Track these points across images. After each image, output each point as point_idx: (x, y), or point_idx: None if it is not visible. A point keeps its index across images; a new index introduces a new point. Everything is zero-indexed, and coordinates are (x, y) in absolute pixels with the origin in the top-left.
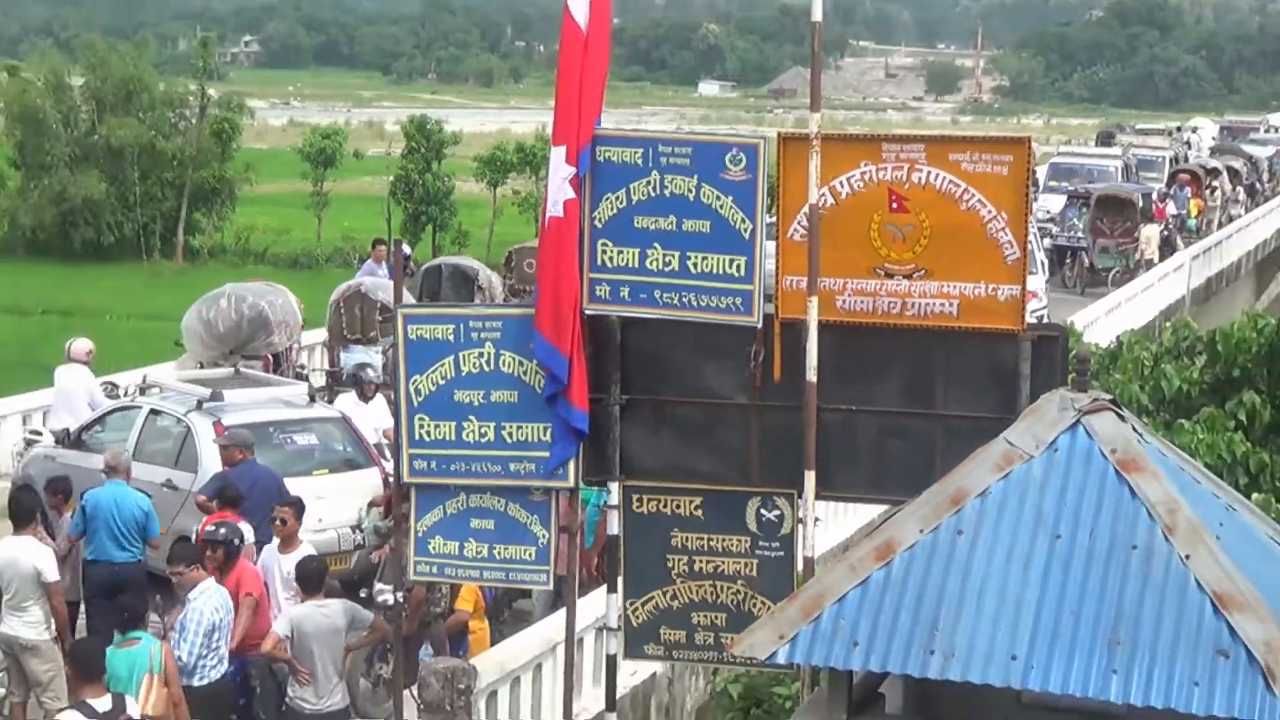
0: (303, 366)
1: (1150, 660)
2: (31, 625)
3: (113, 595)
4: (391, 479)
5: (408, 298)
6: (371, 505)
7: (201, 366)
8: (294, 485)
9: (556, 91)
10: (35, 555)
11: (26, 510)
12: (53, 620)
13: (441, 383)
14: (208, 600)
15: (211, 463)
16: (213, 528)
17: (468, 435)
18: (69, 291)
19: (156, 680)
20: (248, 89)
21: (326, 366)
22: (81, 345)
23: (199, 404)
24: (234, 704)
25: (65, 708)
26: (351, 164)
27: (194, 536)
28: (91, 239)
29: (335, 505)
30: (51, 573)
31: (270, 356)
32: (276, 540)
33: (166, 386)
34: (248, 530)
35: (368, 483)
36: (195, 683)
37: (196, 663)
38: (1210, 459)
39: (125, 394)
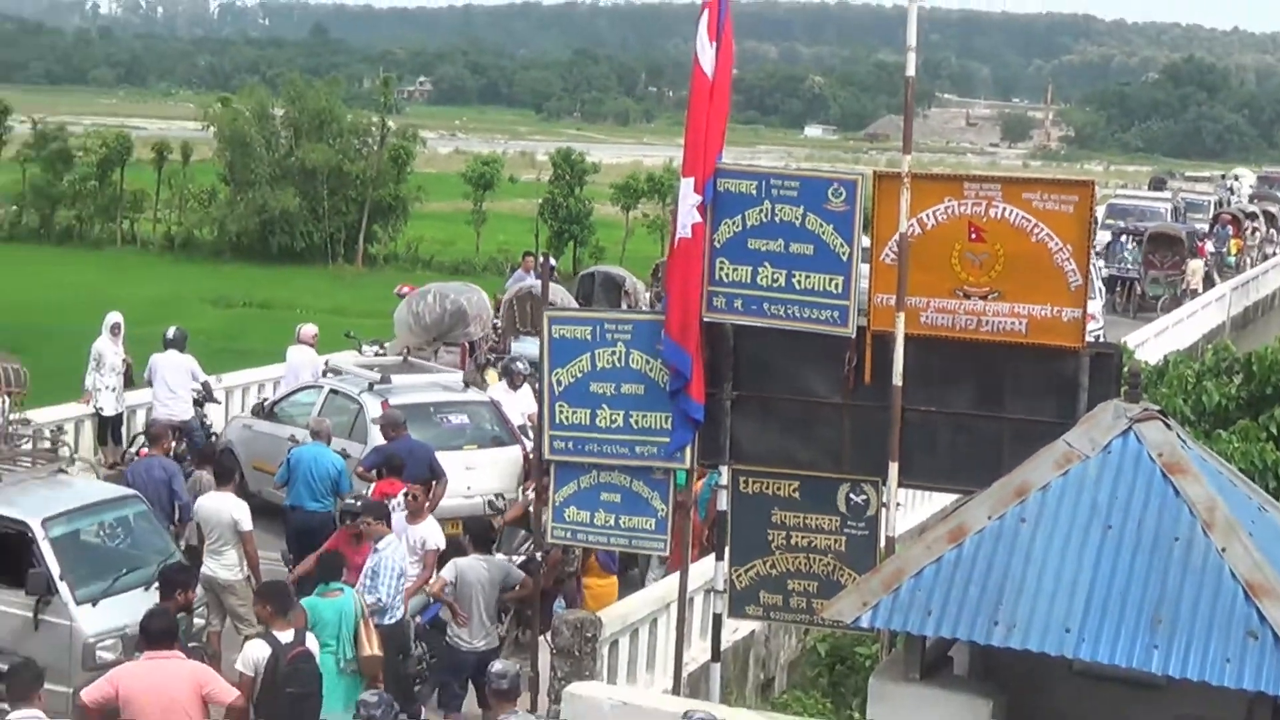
0: (490, 353)
1: (1188, 638)
2: (227, 567)
3: (304, 538)
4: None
5: (569, 300)
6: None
7: (408, 351)
8: (447, 457)
9: (686, 130)
10: (234, 508)
11: (227, 470)
12: (245, 563)
13: (579, 375)
14: (395, 550)
15: (378, 436)
16: (351, 501)
17: (600, 421)
18: (266, 289)
19: (371, 624)
20: (421, 122)
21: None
22: (309, 329)
23: (370, 386)
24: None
25: (255, 635)
26: (507, 187)
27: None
28: (286, 245)
29: (482, 476)
30: (246, 523)
31: (467, 344)
32: (405, 512)
33: (345, 370)
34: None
35: (510, 458)
36: (385, 621)
37: (390, 603)
38: (1244, 465)
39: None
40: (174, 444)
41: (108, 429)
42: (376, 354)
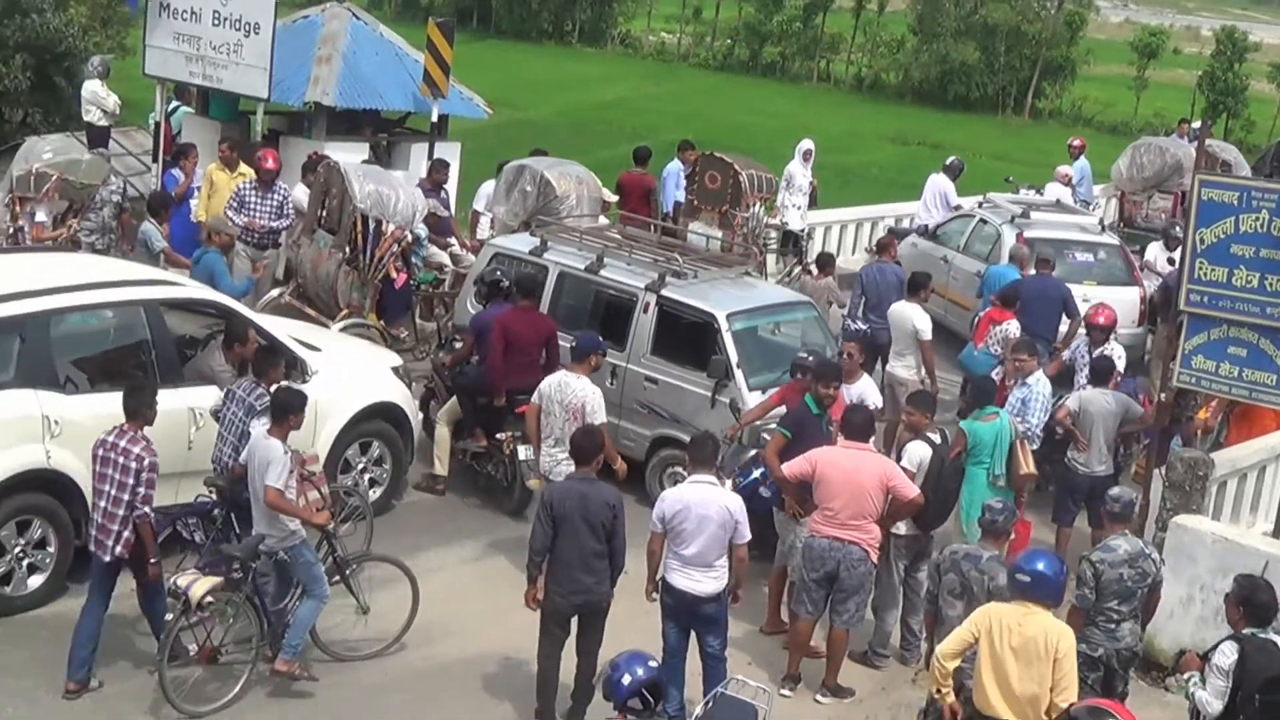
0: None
1: None
2: (907, 368)
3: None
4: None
5: (1241, 163)
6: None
7: (1121, 196)
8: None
9: None
10: (916, 316)
11: (918, 283)
12: (923, 368)
13: (1222, 236)
14: (1044, 384)
15: (1009, 263)
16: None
17: (1236, 280)
18: (939, 131)
19: (1026, 445)
20: None
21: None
22: (1062, 170)
23: (1012, 219)
24: None
25: (914, 438)
26: (1169, 58)
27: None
28: (962, 93)
29: None
30: (927, 332)
31: (1179, 193)
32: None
33: (997, 203)
34: (1013, 326)
35: (1129, 299)
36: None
37: (1035, 431)
38: None
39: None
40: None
41: (789, 242)
42: (1033, 195)
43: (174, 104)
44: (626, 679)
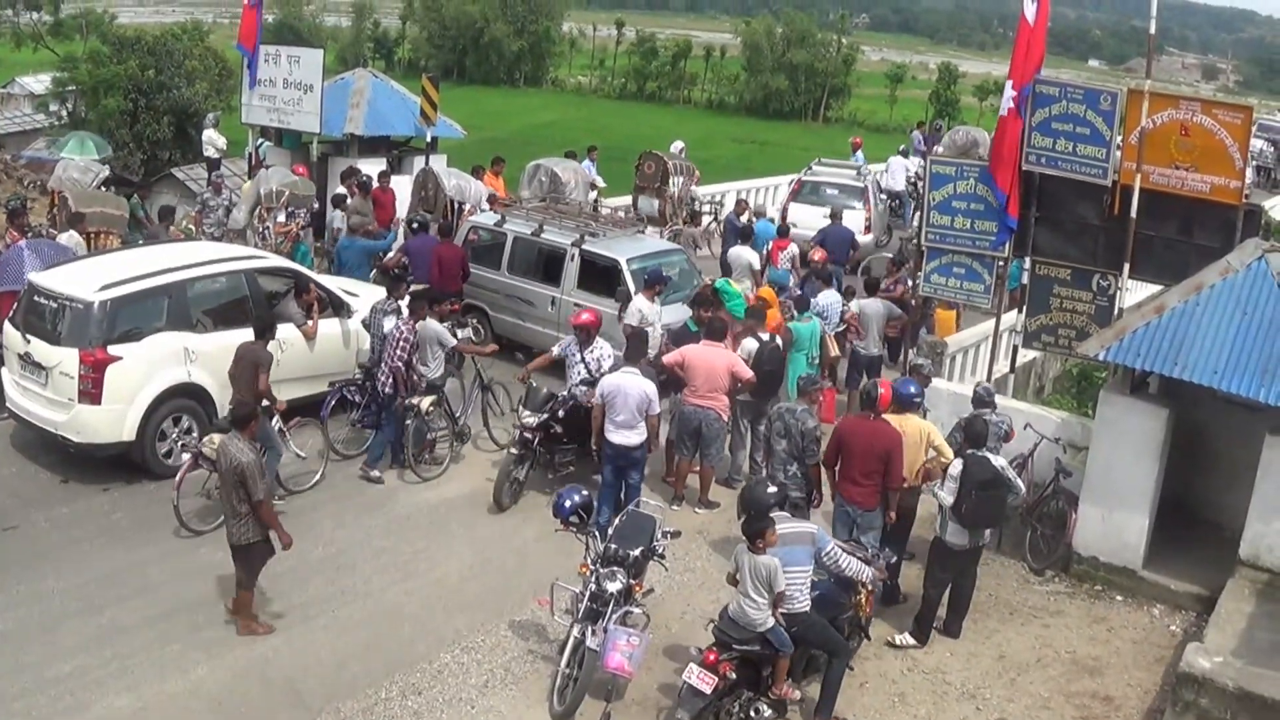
0: None
1: None
2: (745, 289)
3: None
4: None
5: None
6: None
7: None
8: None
9: (1012, 54)
10: (748, 255)
11: (747, 235)
12: (754, 290)
13: (947, 195)
14: (832, 298)
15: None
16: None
17: (956, 224)
18: (764, 133)
19: (831, 336)
20: (861, 40)
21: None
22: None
23: (801, 173)
24: None
25: (748, 336)
26: (910, 83)
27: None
28: (778, 108)
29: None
30: (756, 264)
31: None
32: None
33: (815, 169)
34: (792, 248)
35: (857, 217)
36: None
37: (832, 320)
38: None
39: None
40: None
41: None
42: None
43: (260, 141)
44: (568, 503)
